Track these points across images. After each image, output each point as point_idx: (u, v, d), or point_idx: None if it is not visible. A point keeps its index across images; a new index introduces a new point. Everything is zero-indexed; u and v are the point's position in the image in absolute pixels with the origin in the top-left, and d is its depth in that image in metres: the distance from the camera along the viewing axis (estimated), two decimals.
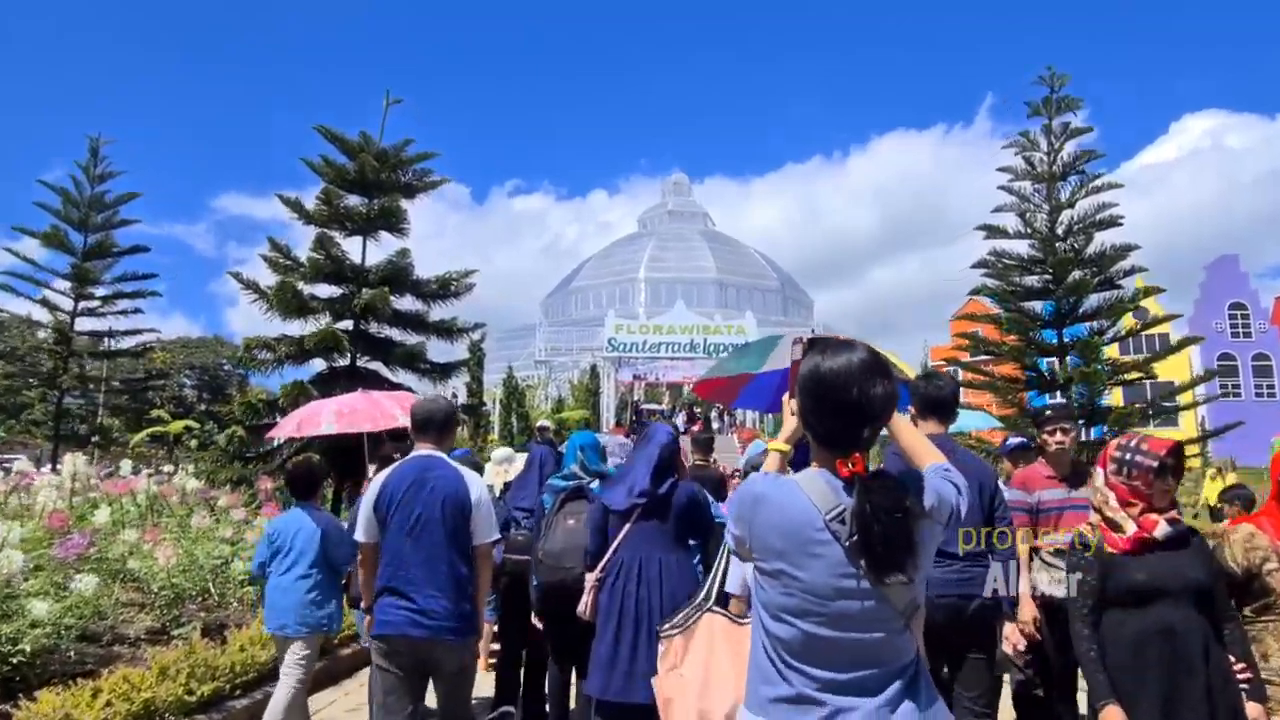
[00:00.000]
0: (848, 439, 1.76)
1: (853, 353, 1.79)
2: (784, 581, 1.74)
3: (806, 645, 1.72)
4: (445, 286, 13.12)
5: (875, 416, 1.76)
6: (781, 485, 1.80)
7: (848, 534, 1.68)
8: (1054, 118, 12.91)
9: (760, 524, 1.78)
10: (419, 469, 3.63)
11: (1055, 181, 12.72)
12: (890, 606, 1.70)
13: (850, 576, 1.68)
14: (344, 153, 12.78)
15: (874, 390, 1.74)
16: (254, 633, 6.47)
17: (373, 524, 3.63)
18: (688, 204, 59.02)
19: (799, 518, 1.73)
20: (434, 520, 3.53)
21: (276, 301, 11.70)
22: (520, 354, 39.80)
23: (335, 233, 12.78)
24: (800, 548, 1.72)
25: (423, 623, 3.44)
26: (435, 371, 13.33)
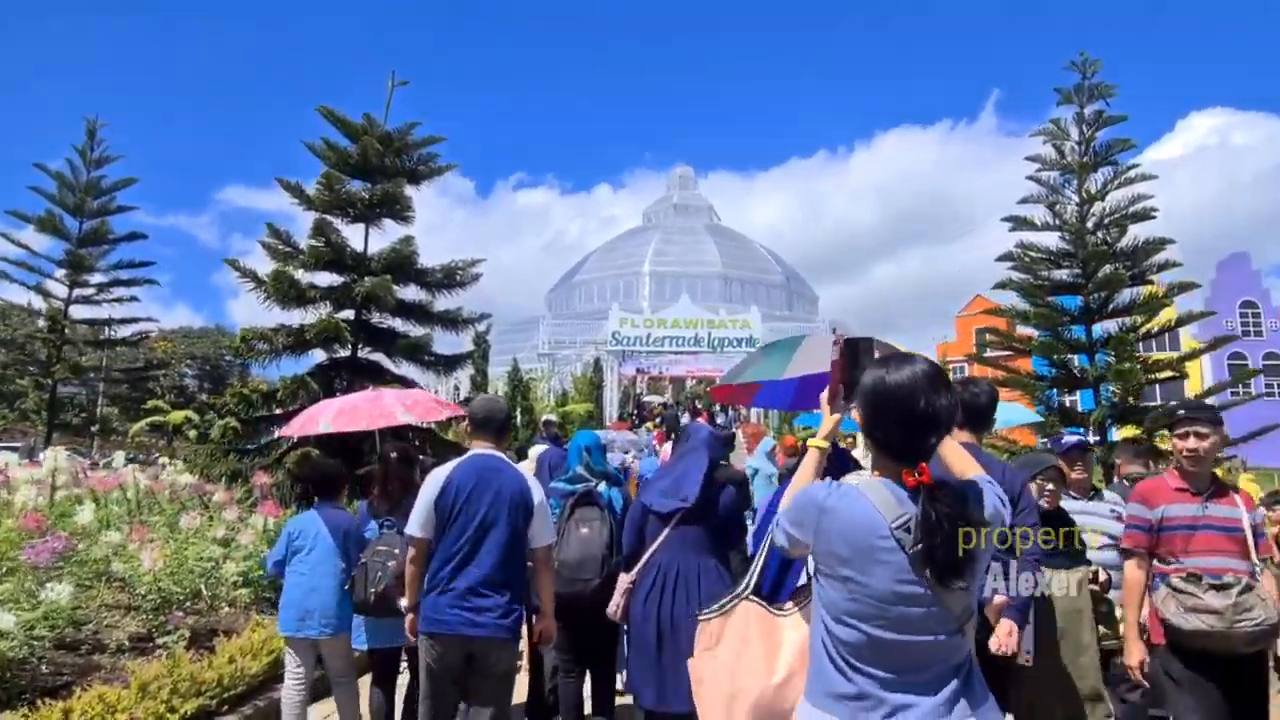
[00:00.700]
0: (914, 449, 1.82)
1: (915, 365, 1.85)
2: (850, 587, 1.80)
3: (869, 647, 1.79)
4: (450, 276, 12.62)
5: (940, 426, 1.83)
6: (847, 495, 1.85)
7: (912, 542, 1.74)
8: (1085, 105, 12.38)
9: (826, 533, 1.84)
10: (485, 468, 3.59)
11: (1087, 171, 12.18)
12: (948, 611, 1.77)
13: (913, 583, 1.75)
14: (346, 136, 12.24)
15: (940, 402, 1.81)
16: (245, 641, 6.07)
17: (431, 519, 3.56)
18: (693, 198, 58.76)
19: (865, 526, 1.79)
20: (500, 521, 3.51)
21: (274, 290, 11.20)
22: (524, 347, 39.56)
23: (337, 220, 12.28)
24: (866, 555, 1.78)
25: (478, 621, 3.44)
26: (440, 364, 12.84)
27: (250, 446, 11.62)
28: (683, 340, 40.24)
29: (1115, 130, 12.23)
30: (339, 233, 11.62)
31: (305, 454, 10.36)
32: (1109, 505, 4.35)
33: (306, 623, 4.39)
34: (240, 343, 11.24)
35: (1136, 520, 3.45)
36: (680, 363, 40.98)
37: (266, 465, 11.33)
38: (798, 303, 52.86)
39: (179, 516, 7.86)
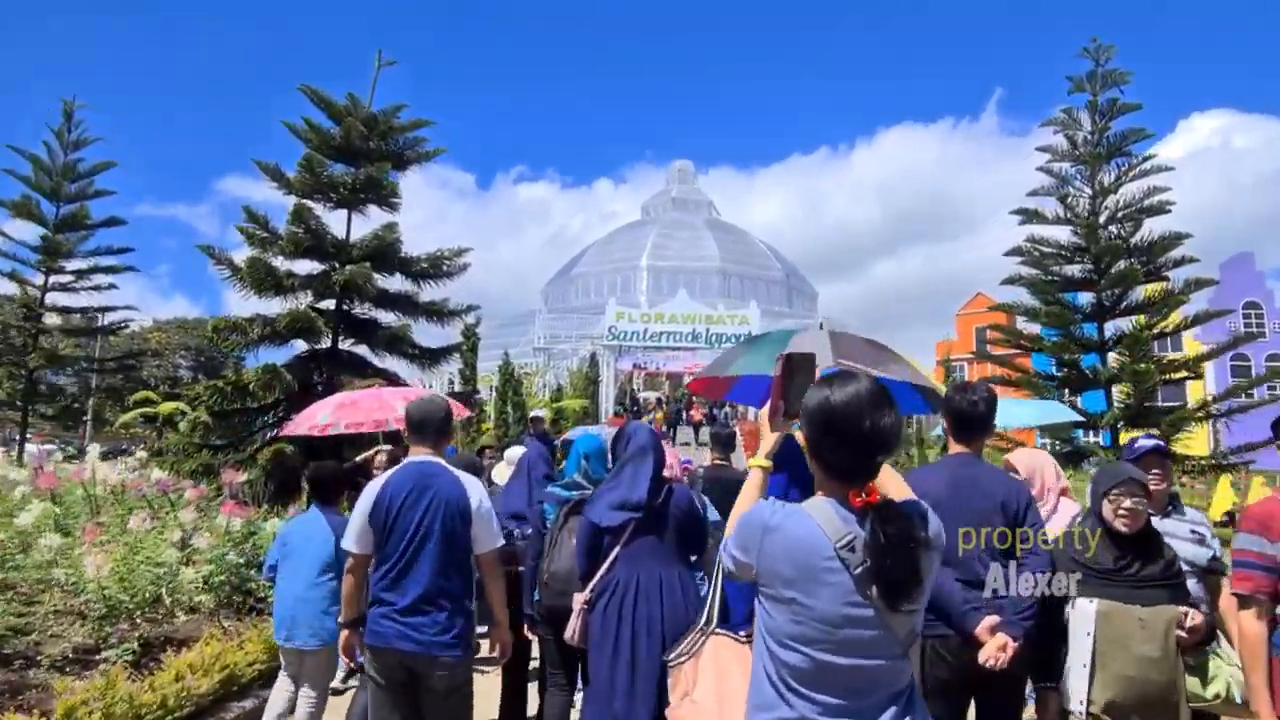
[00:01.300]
0: (860, 470, 1.81)
1: (860, 385, 1.83)
2: (794, 610, 1.78)
3: (812, 671, 1.77)
4: (437, 266, 12.07)
5: (886, 446, 1.80)
6: (791, 515, 1.84)
7: (857, 562, 1.73)
8: (1099, 94, 11.84)
9: (770, 553, 1.82)
10: (418, 475, 3.46)
11: (1100, 162, 11.66)
12: (894, 634, 1.76)
13: (858, 605, 1.73)
14: (330, 117, 11.66)
15: (884, 421, 1.79)
16: (195, 656, 5.58)
17: (366, 534, 3.44)
18: (692, 192, 58.22)
19: (810, 546, 1.77)
20: (436, 531, 3.38)
21: (250, 278, 10.65)
22: (519, 341, 39.07)
23: (319, 205, 11.75)
24: (811, 576, 1.76)
25: (413, 636, 3.31)
26: (424, 357, 12.29)
27: (222, 442, 11.09)
28: (680, 336, 39.71)
29: (1130, 120, 11.74)
30: (318, 218, 11.06)
31: (279, 450, 9.85)
32: (1189, 524, 3.67)
33: (293, 632, 4.29)
34: (212, 333, 10.68)
35: (1253, 556, 2.76)
36: (677, 359, 40.55)
37: (240, 461, 10.82)
38: (797, 299, 52.37)
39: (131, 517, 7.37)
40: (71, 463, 14.79)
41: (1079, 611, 2.97)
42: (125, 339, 52.76)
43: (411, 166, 12.28)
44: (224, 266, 10.96)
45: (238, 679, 5.78)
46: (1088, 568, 2.99)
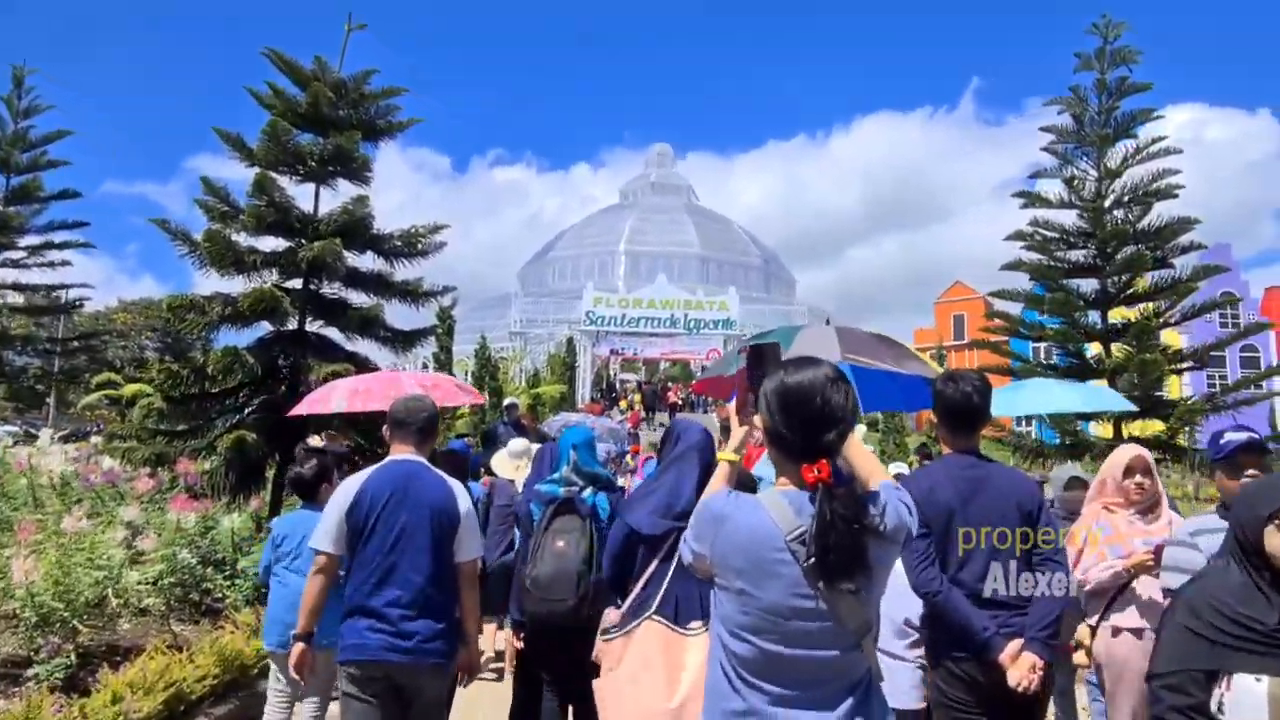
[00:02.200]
0: (813, 446, 1.83)
1: (818, 368, 1.90)
2: (743, 600, 1.81)
3: (762, 662, 1.80)
4: (411, 243, 11.35)
5: (839, 422, 1.84)
6: (744, 506, 1.88)
7: (806, 555, 1.74)
8: (1107, 72, 11.35)
9: (722, 544, 1.85)
10: (403, 475, 3.34)
11: (1108, 144, 11.18)
12: (843, 625, 1.77)
13: (807, 597, 1.76)
14: (296, 83, 10.86)
15: (836, 399, 1.85)
16: (136, 673, 5.00)
17: (341, 533, 3.28)
18: (671, 176, 57.85)
19: (761, 537, 1.81)
20: (420, 534, 3.26)
21: (208, 254, 9.88)
22: (495, 325, 38.50)
23: (285, 178, 11.00)
24: (760, 567, 1.79)
25: (403, 646, 3.18)
26: (398, 339, 11.57)
27: (178, 429, 10.36)
28: (659, 321, 39.35)
29: (1139, 100, 11.27)
30: (283, 190, 10.29)
31: (240, 439, 9.16)
32: None
33: (287, 640, 3.92)
34: (168, 311, 9.91)
35: None
36: (655, 344, 40.17)
37: (198, 450, 10.12)
38: (775, 285, 52.23)
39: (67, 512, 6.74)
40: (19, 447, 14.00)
41: (1240, 693, 1.95)
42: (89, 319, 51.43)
43: (384, 137, 11.48)
44: (180, 241, 10.19)
45: (185, 697, 5.21)
46: (1245, 626, 1.95)
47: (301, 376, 10.01)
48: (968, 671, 2.90)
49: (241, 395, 10.64)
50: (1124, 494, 3.68)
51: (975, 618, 2.83)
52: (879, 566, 1.81)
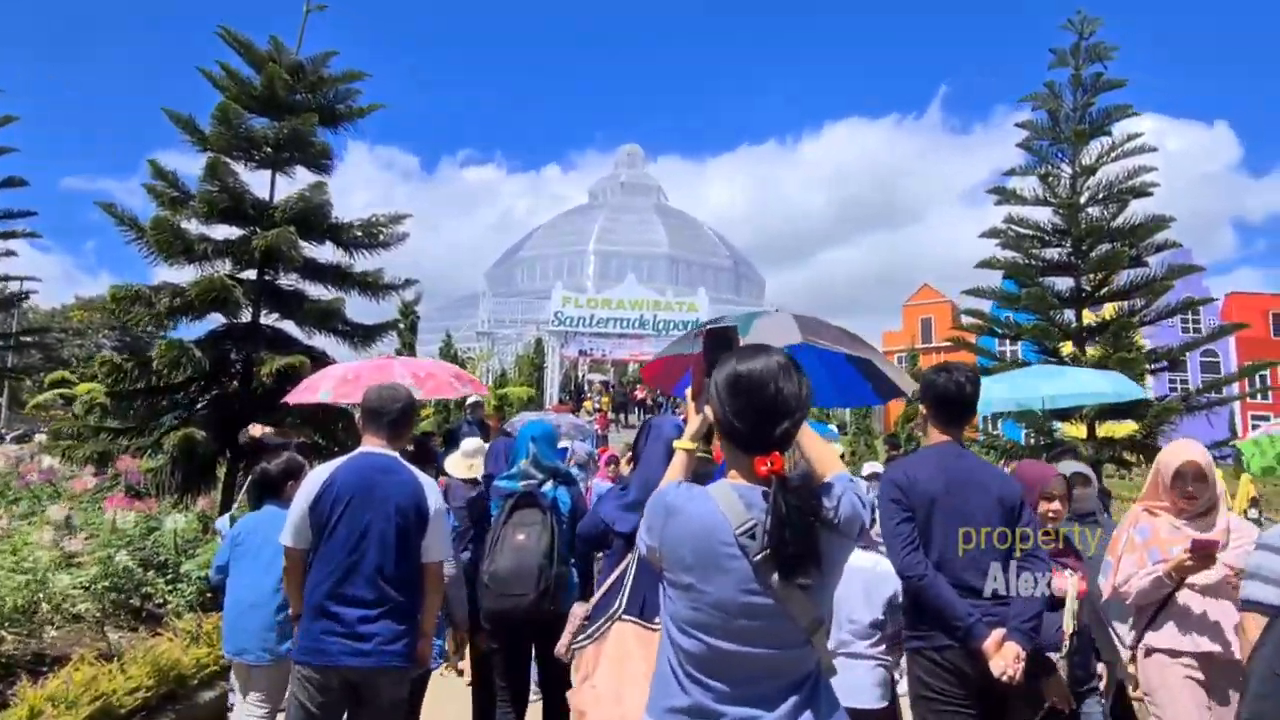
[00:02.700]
0: (765, 437, 1.78)
1: (770, 356, 1.84)
2: (692, 595, 1.76)
3: (709, 658, 1.76)
4: (372, 234, 10.90)
5: (792, 412, 1.79)
6: (695, 498, 1.83)
7: (757, 549, 1.71)
8: (1082, 68, 11.25)
9: (671, 536, 1.81)
10: (371, 469, 3.22)
11: (1084, 140, 11.07)
12: (794, 622, 1.73)
13: (756, 592, 1.71)
14: (250, 64, 10.41)
15: (788, 388, 1.79)
16: (61, 685, 4.66)
17: (306, 528, 3.18)
18: (641, 176, 57.62)
19: (710, 530, 1.76)
20: (389, 532, 3.13)
21: (155, 241, 9.37)
22: (462, 325, 38.06)
23: (240, 165, 10.54)
24: (709, 562, 1.74)
25: (361, 649, 3.05)
26: (358, 334, 11.12)
27: (122, 426, 9.84)
28: (627, 322, 39.10)
29: (1114, 96, 11.17)
30: (236, 175, 9.83)
31: (187, 436, 8.69)
32: None
33: (243, 647, 3.91)
34: (111, 302, 9.39)
35: None
36: (624, 345, 39.86)
37: (143, 447, 9.63)
38: (745, 287, 52.19)
39: None
40: None
41: None
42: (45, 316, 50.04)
43: (344, 123, 11.00)
44: (128, 228, 9.68)
45: (114, 712, 4.81)
46: None
47: (254, 371, 9.55)
48: (952, 661, 2.85)
49: (191, 391, 10.15)
50: (1171, 500, 3.37)
51: (958, 604, 2.79)
52: (833, 560, 1.78)
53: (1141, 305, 10.55)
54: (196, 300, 9.25)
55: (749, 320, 5.20)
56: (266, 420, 10.11)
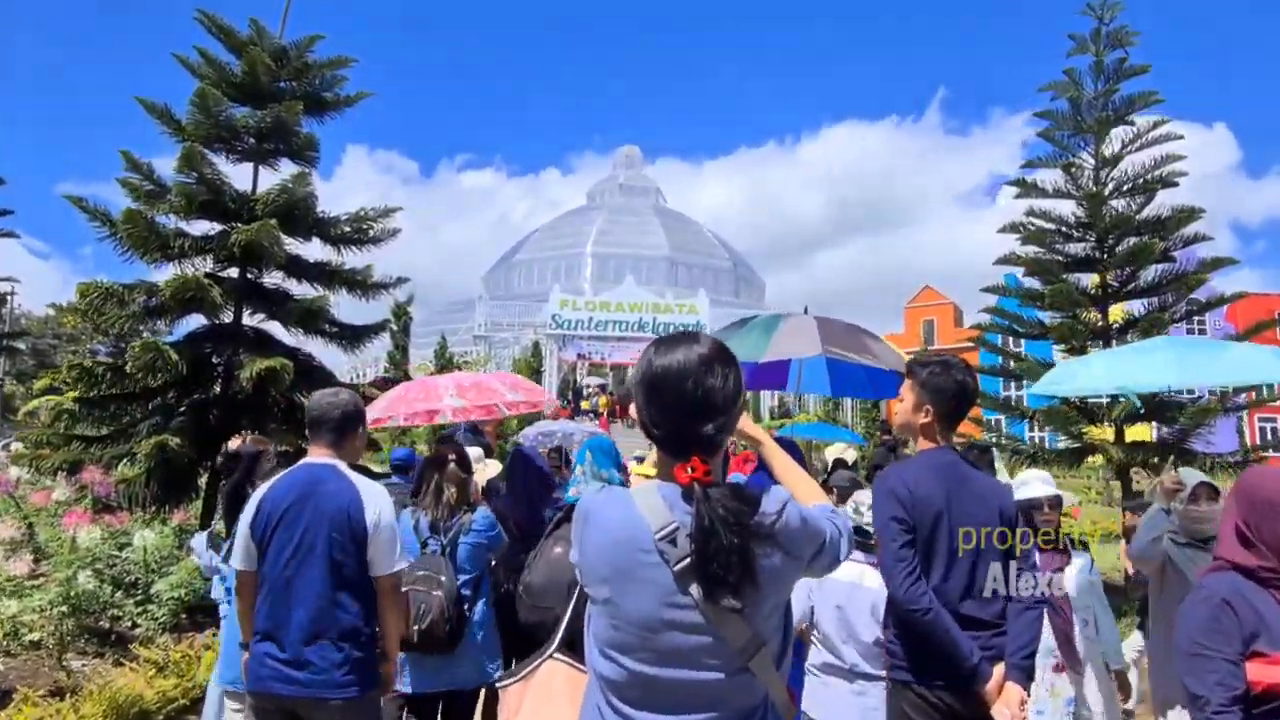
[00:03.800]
0: (685, 439, 1.58)
1: (691, 346, 1.63)
2: (610, 611, 1.59)
3: (633, 685, 1.58)
4: (361, 229, 10.34)
5: (716, 410, 1.59)
6: (610, 501, 1.66)
7: (678, 556, 1.52)
8: (1103, 54, 10.73)
9: (587, 545, 1.64)
10: (305, 481, 3.04)
11: (1107, 128, 10.55)
12: (726, 643, 1.54)
13: (679, 606, 1.53)
14: (230, 49, 9.86)
15: (710, 383, 1.59)
16: None
17: (250, 549, 3.03)
18: (639, 178, 57.15)
19: (626, 536, 1.57)
20: (318, 548, 2.92)
21: (128, 236, 8.80)
22: (458, 329, 37.58)
23: (220, 157, 9.99)
24: (626, 571, 1.56)
25: (295, 677, 2.86)
26: (346, 336, 10.55)
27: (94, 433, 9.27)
28: (627, 325, 38.67)
29: (1137, 83, 10.65)
30: (214, 166, 9.26)
31: (162, 443, 8.12)
32: None
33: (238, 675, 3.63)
34: (79, 299, 8.81)
35: None
36: (623, 348, 39.34)
37: (116, 456, 9.06)
38: (745, 289, 51.70)
39: None
40: None
41: None
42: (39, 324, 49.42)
43: (331, 112, 10.41)
44: (100, 223, 9.10)
45: None
46: None
47: (236, 375, 8.98)
48: (943, 699, 2.62)
49: (168, 396, 9.58)
50: None
51: (963, 643, 2.58)
52: (771, 580, 1.55)
53: (1172, 301, 10.02)
54: (171, 300, 8.68)
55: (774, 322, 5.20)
56: (250, 428, 9.56)
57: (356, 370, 27.74)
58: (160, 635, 6.96)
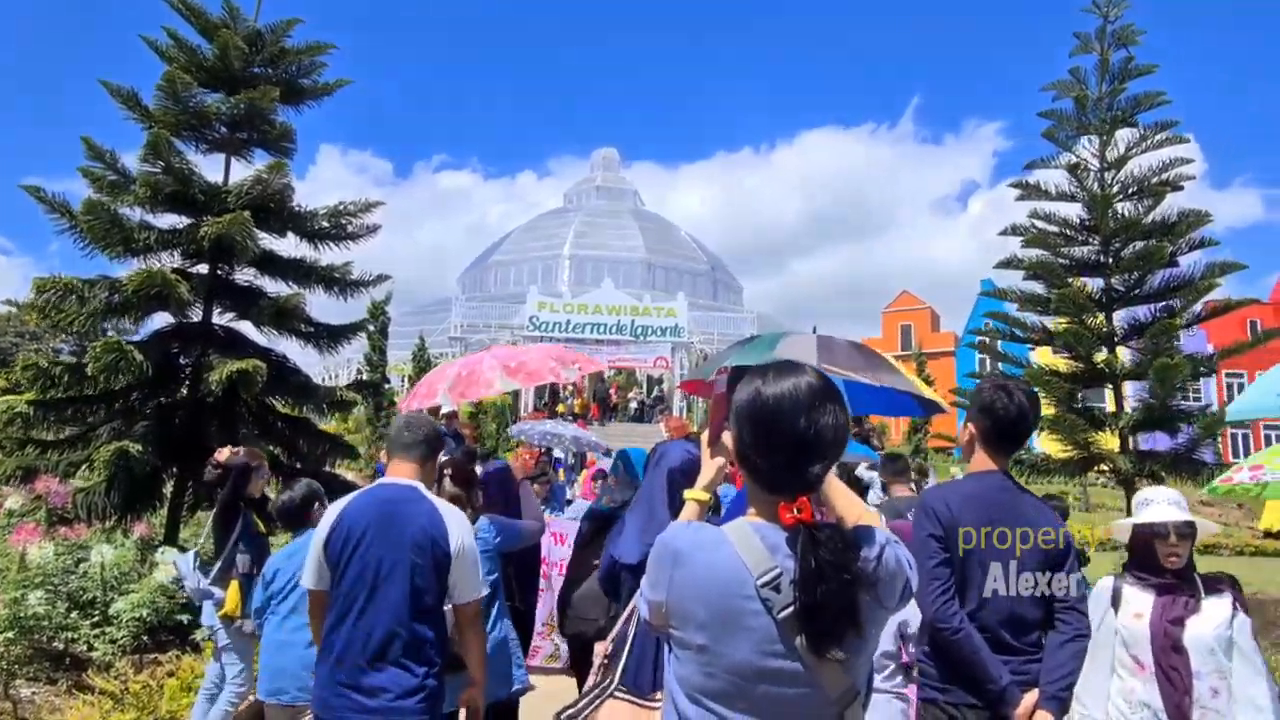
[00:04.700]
0: (793, 479, 1.51)
1: (800, 377, 1.54)
2: (705, 659, 1.51)
3: None
4: (339, 224, 9.81)
5: (826, 450, 1.51)
6: (707, 542, 1.55)
7: (782, 603, 1.44)
8: (1109, 54, 10.48)
9: (680, 587, 1.52)
10: (385, 502, 2.97)
11: (1114, 128, 10.28)
12: (824, 692, 1.48)
13: (780, 656, 1.46)
14: (201, 33, 9.30)
15: (824, 420, 1.50)
16: None
17: (323, 568, 2.97)
18: (617, 180, 56.89)
19: (727, 580, 1.48)
20: (398, 572, 2.86)
21: (88, 230, 8.20)
22: (434, 330, 37.02)
23: (191, 148, 9.44)
24: (726, 619, 1.48)
25: (369, 705, 2.79)
26: (322, 336, 10.00)
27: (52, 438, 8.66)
28: (605, 327, 38.24)
29: (1144, 83, 10.40)
30: (182, 156, 8.69)
31: (122, 450, 7.55)
32: None
33: (279, 687, 3.92)
34: (35, 295, 8.19)
35: None
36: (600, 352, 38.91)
37: (74, 463, 8.47)
38: (723, 292, 51.52)
39: None
40: None
41: None
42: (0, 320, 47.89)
43: (308, 101, 9.88)
44: (58, 215, 8.51)
45: None
46: None
47: (205, 377, 8.42)
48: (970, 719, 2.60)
49: (132, 399, 9.00)
50: None
51: (992, 665, 2.54)
52: (872, 626, 1.49)
53: (1181, 306, 9.76)
54: (135, 296, 8.09)
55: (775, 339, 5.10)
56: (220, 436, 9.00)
57: (329, 372, 27.07)
58: (120, 659, 6.42)
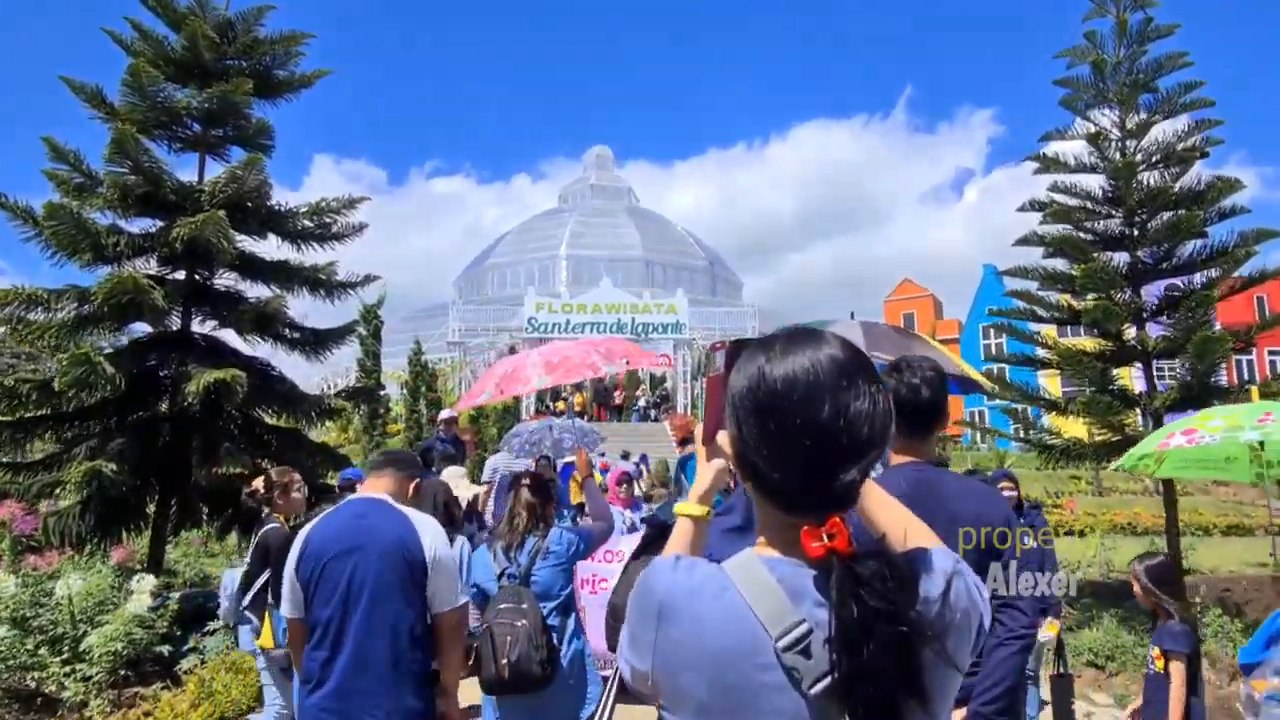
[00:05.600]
0: (819, 491, 1.00)
1: (819, 348, 1.04)
2: None
3: None
4: (322, 222, 9.26)
5: (862, 447, 1.01)
6: (703, 587, 1.05)
7: (815, 674, 0.96)
8: (1125, 15, 9.92)
9: (669, 653, 1.04)
10: (351, 517, 2.90)
11: (1136, 93, 9.74)
12: None
13: None
14: (169, 24, 8.75)
15: (856, 404, 1.00)
16: None
17: (298, 594, 2.86)
18: (611, 178, 56.53)
19: (735, 645, 1.00)
20: (368, 587, 2.76)
21: (52, 236, 7.67)
22: (431, 335, 36.48)
23: (162, 147, 8.90)
24: (736, 698, 1.00)
25: None
26: (309, 341, 9.47)
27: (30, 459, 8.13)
28: (604, 326, 37.71)
29: (1165, 45, 9.86)
30: (151, 154, 8.15)
31: (93, 470, 7.03)
32: None
33: None
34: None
35: None
36: None
37: (46, 485, 7.94)
38: (722, 288, 51.10)
39: None
40: None
41: None
42: None
43: (285, 94, 9.34)
44: (22, 220, 7.97)
45: None
46: None
47: (181, 386, 7.89)
48: None
49: (109, 415, 8.46)
50: None
51: None
52: (941, 692, 0.99)
53: (1219, 276, 9.22)
54: (105, 305, 7.56)
55: None
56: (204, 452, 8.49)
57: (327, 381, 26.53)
58: (96, 696, 5.91)
